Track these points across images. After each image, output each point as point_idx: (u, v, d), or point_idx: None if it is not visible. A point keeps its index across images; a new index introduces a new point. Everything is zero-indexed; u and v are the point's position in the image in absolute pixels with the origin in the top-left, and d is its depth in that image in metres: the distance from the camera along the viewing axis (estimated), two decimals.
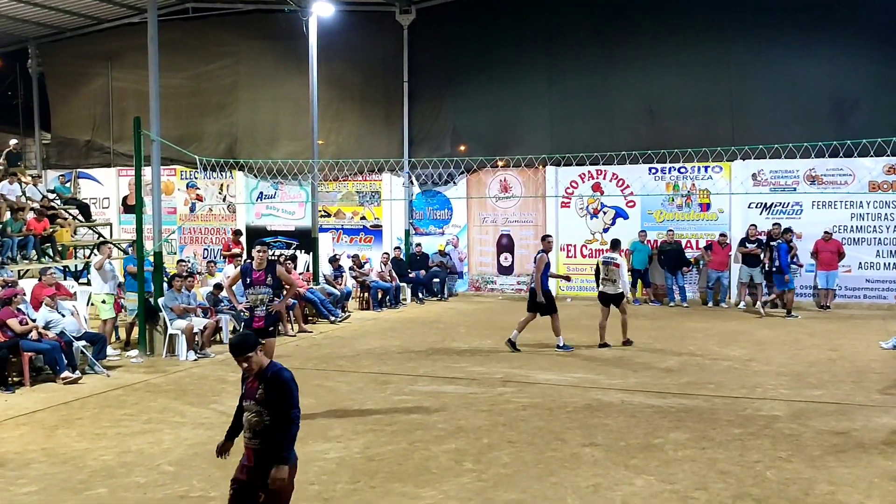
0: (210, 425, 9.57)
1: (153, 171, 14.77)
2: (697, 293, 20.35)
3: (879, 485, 7.32)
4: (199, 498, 7.21)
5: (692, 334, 15.66)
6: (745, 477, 7.55)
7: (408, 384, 11.51)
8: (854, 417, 9.55)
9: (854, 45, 18.84)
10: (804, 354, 13.45)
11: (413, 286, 21.28)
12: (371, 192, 23.38)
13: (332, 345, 15.11)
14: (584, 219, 21.49)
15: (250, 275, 9.85)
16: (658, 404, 10.29)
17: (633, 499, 7.03)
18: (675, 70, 20.23)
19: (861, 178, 18.88)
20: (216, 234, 24.60)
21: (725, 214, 20.15)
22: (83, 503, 7.08)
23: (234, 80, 24.13)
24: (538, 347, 14.32)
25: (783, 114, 19.25)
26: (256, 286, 9.80)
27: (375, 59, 23.07)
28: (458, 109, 22.50)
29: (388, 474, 7.74)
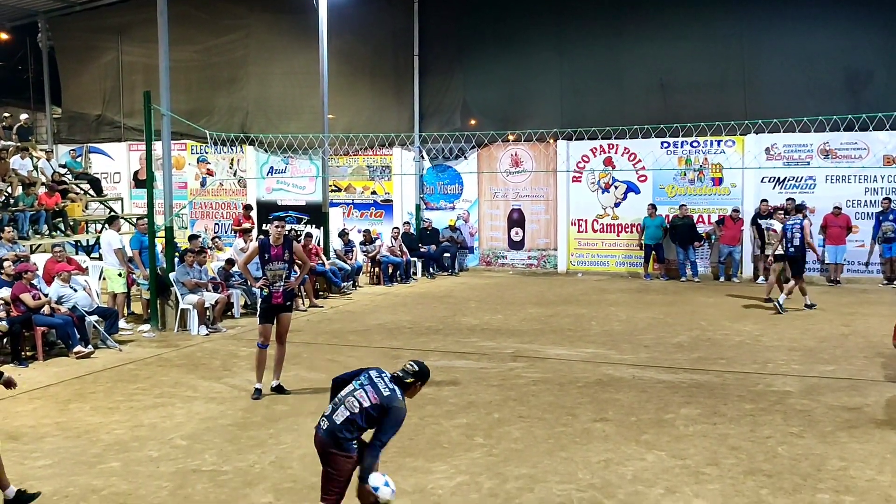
0: (222, 399, 9.62)
1: (163, 145, 14.75)
2: (709, 268, 20.28)
3: (891, 460, 7.30)
4: (211, 472, 7.24)
5: (703, 309, 15.61)
6: (757, 452, 7.54)
7: (418, 359, 11.49)
8: (866, 393, 9.52)
9: (868, 17, 18.60)
10: (816, 330, 13.41)
11: (424, 261, 21.27)
12: (381, 167, 23.32)
13: (343, 319, 15.13)
14: (595, 193, 21.38)
15: (268, 250, 9.82)
16: (669, 379, 10.28)
17: (644, 474, 7.04)
18: (686, 43, 20.02)
19: (875, 151, 18.72)
20: (227, 208, 24.60)
21: (738, 189, 20.02)
22: (97, 477, 7.13)
23: (244, 54, 24.03)
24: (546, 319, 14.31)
25: (797, 87, 19.04)
26: (275, 262, 9.79)
27: (386, 33, 22.93)
28: (469, 83, 22.37)
29: (399, 449, 7.75)
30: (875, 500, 6.45)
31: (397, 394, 5.60)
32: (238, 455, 7.68)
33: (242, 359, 11.72)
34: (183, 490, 6.84)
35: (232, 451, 7.78)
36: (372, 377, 5.67)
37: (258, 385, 9.78)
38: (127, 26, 24.60)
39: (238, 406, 9.34)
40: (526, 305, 16.16)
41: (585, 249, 21.55)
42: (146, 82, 20.77)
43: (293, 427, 8.49)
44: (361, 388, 5.60)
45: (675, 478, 6.97)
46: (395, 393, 5.59)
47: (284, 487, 6.89)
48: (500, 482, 6.92)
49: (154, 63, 15.45)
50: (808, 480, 6.87)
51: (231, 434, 8.31)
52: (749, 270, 19.65)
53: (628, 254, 20.98)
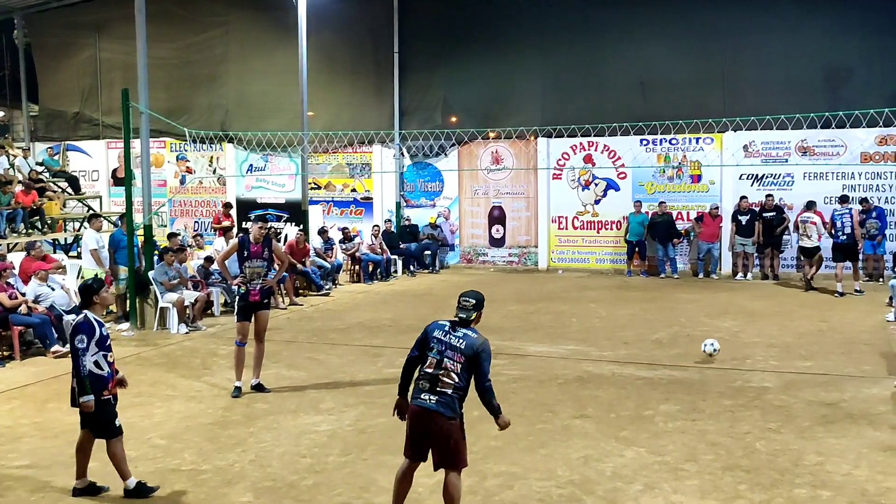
0: (201, 398, 9.58)
1: (142, 143, 14.67)
2: (688, 265, 20.38)
3: (868, 455, 7.37)
4: (190, 471, 7.22)
5: (683, 306, 15.69)
6: (735, 448, 7.60)
7: (399, 357, 11.44)
8: (843, 388, 9.60)
9: (846, 15, 18.71)
10: (794, 326, 13.50)
11: (404, 259, 21.26)
12: (361, 164, 23.29)
13: (323, 317, 15.11)
14: (575, 191, 21.44)
15: (248, 248, 9.88)
16: (649, 376, 10.33)
17: (623, 470, 7.07)
18: (666, 41, 20.08)
19: (853, 149, 18.87)
20: (206, 206, 24.49)
21: (716, 186, 20.12)
22: (74, 477, 7.07)
23: (224, 52, 23.91)
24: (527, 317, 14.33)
25: (775, 85, 19.14)
26: (254, 259, 9.84)
27: (365, 30, 22.88)
28: (450, 81, 22.35)
29: (379, 447, 7.76)
30: (851, 495, 6.51)
31: (472, 336, 5.74)
32: (217, 454, 7.65)
33: (222, 357, 11.68)
34: (161, 489, 6.79)
35: (211, 450, 7.75)
36: (442, 339, 5.77)
37: (237, 383, 9.78)
38: (105, 23, 24.40)
39: (218, 405, 9.31)
40: (506, 303, 16.18)
41: (566, 246, 21.61)
42: (125, 80, 20.59)
43: (273, 425, 8.47)
44: (442, 356, 5.71)
45: (654, 474, 7.01)
46: (469, 338, 5.73)
47: (264, 486, 6.87)
48: (479, 480, 6.93)
49: (133, 60, 15.34)
50: (785, 475, 6.92)
51: (210, 433, 8.28)
52: (728, 267, 19.75)
53: (608, 250, 21.06)
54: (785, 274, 19.17)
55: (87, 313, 6.66)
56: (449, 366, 5.67)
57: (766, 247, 19.07)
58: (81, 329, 6.53)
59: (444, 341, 5.75)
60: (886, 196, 18.83)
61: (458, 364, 5.65)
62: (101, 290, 6.86)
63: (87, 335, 6.51)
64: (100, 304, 6.82)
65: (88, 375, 6.49)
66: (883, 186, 18.88)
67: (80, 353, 6.49)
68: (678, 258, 20.09)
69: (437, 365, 5.70)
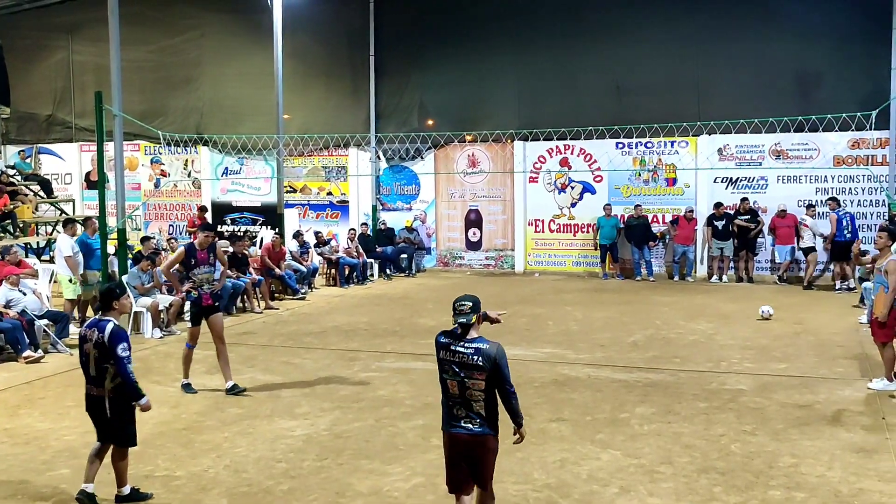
0: (175, 403, 9.49)
1: (116, 146, 14.54)
2: (664, 267, 20.49)
3: (841, 456, 7.43)
4: (164, 477, 7.15)
5: (658, 308, 15.76)
6: (711, 450, 7.63)
7: (375, 361, 11.49)
8: (817, 390, 9.67)
9: (818, 21, 18.86)
10: (769, 328, 13.59)
11: (380, 262, 21.21)
12: (337, 167, 23.22)
13: (299, 321, 15.04)
14: (551, 194, 21.50)
15: (195, 255, 10.09)
16: (624, 379, 10.36)
17: (599, 473, 7.08)
18: (641, 45, 20.17)
19: (826, 152, 19.03)
20: (181, 209, 24.33)
21: (691, 189, 20.24)
22: (46, 484, 7.00)
23: (198, 55, 23.77)
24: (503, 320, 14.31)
25: (748, 89, 19.29)
26: (202, 266, 10.09)
27: (341, 33, 22.83)
28: (426, 84, 22.35)
29: (355, 451, 7.73)
30: (825, 496, 6.55)
31: (483, 347, 5.48)
32: (191, 460, 7.59)
33: (197, 362, 11.53)
34: None
35: (185, 456, 7.68)
36: (453, 360, 5.49)
37: (185, 380, 10.07)
38: (78, 25, 24.19)
39: (192, 410, 9.23)
40: (483, 306, 16.13)
41: (542, 249, 21.66)
42: (98, 82, 20.42)
43: (248, 430, 8.41)
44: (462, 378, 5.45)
45: (629, 477, 7.02)
46: (481, 350, 5.47)
47: (239, 492, 6.82)
48: None
49: (106, 63, 15.21)
50: (760, 478, 6.95)
51: (185, 438, 8.21)
52: (703, 269, 19.88)
53: (584, 253, 21.13)
54: (759, 276, 19.31)
55: (114, 321, 6.60)
56: (473, 384, 5.42)
57: (740, 249, 19.22)
58: (123, 338, 6.45)
59: (457, 361, 5.46)
60: (859, 199, 19.02)
61: (480, 381, 5.41)
62: (122, 297, 6.80)
63: (128, 343, 6.50)
64: (118, 310, 6.75)
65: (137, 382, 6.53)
66: (855, 189, 19.06)
67: (125, 361, 6.43)
68: (654, 261, 20.18)
69: (461, 387, 5.45)
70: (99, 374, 6.50)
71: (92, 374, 6.54)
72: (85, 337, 6.61)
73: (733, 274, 19.45)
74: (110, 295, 6.72)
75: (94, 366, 6.51)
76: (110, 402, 6.50)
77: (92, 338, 6.51)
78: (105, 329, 6.48)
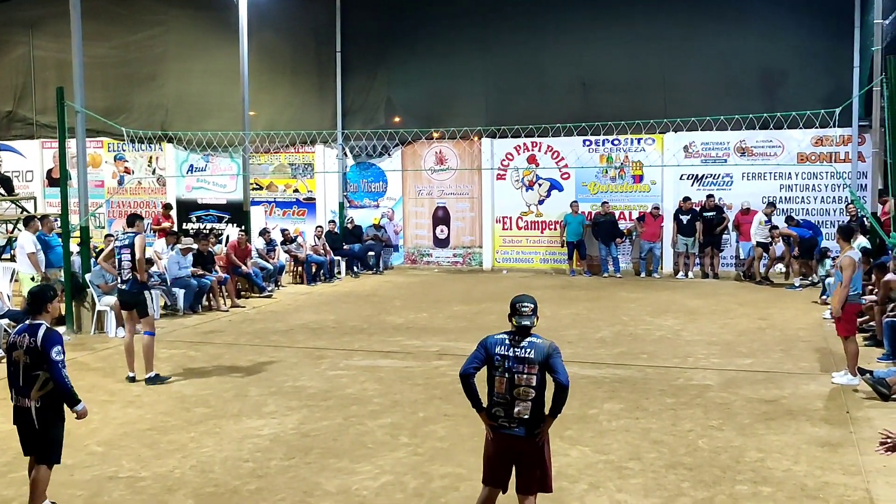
0: (140, 404, 9.38)
1: (78, 143, 14.32)
2: (630, 264, 20.60)
3: (806, 450, 7.49)
4: (128, 478, 7.05)
5: (625, 305, 15.83)
6: (678, 446, 7.66)
7: (343, 359, 11.43)
8: (782, 385, 9.76)
9: (783, 19, 19.07)
10: (734, 323, 13.70)
11: (348, 259, 21.11)
12: (304, 165, 23.09)
13: (266, 319, 14.92)
14: (519, 191, 21.53)
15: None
16: (592, 375, 10.38)
17: (568, 469, 7.07)
18: (608, 43, 20.29)
19: (790, 149, 19.25)
20: (146, 207, 24.06)
21: (658, 186, 20.37)
22: (7, 487, 6.88)
23: (163, 51, 23.50)
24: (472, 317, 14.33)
25: (714, 86, 19.47)
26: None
27: (307, 30, 22.70)
28: (393, 81, 22.28)
29: (323, 450, 7.67)
30: (791, 490, 6.60)
31: (538, 343, 5.39)
32: (157, 460, 7.49)
33: (162, 360, 11.45)
34: (99, 498, 6.64)
35: (151, 457, 7.58)
36: (507, 355, 5.37)
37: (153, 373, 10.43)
38: (39, 20, 23.84)
39: (158, 409, 9.12)
40: (451, 303, 16.17)
41: (510, 247, 21.69)
42: (59, 78, 20.13)
43: (214, 430, 8.32)
44: (512, 374, 5.33)
45: (598, 473, 7.03)
46: (536, 345, 5.37)
47: (206, 492, 6.74)
48: (425, 481, 6.89)
49: (68, 58, 14.98)
50: (727, 472, 6.99)
51: (150, 439, 8.11)
52: (669, 266, 20.01)
53: (552, 250, 21.18)
54: (724, 272, 19.47)
55: (46, 324, 6.28)
56: (522, 381, 5.32)
57: (705, 246, 19.37)
58: (57, 341, 6.12)
59: (511, 357, 5.35)
60: (822, 196, 19.26)
61: (532, 376, 5.31)
62: (55, 300, 6.52)
63: (62, 346, 6.15)
64: (50, 313, 6.42)
65: (72, 388, 6.17)
66: (819, 186, 19.30)
67: (60, 365, 6.08)
68: (621, 257, 20.29)
69: (509, 385, 5.34)
70: (27, 383, 6.11)
71: (20, 385, 6.14)
72: (14, 344, 6.19)
73: (699, 270, 19.59)
74: (43, 297, 6.39)
75: (23, 374, 6.11)
76: (37, 413, 6.11)
77: (23, 344, 6.13)
78: (38, 333, 6.13)
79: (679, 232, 19.37)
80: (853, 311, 9.89)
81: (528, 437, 5.35)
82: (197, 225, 23.16)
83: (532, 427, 5.35)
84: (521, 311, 5.46)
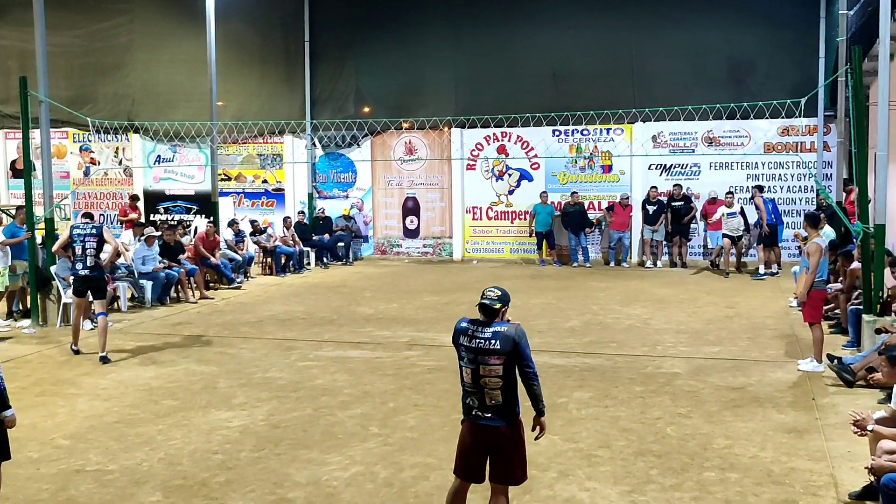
0: (108, 396, 9.28)
1: (42, 133, 14.14)
2: (600, 253, 20.69)
3: (773, 437, 7.57)
4: (95, 472, 6.97)
5: (595, 294, 15.91)
6: (647, 434, 7.71)
7: (313, 350, 11.39)
8: (749, 373, 9.85)
9: (750, 10, 19.21)
10: (702, 312, 13.82)
11: (317, 250, 21.04)
12: (272, 155, 22.95)
13: (235, 311, 14.83)
14: (489, 181, 21.55)
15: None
16: (562, 364, 10.43)
17: (537, 458, 7.08)
18: (577, 33, 20.35)
19: (757, 139, 19.43)
20: (112, 198, 23.80)
21: (627, 176, 20.48)
22: None
23: (129, 40, 23.17)
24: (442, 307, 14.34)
25: (682, 77, 19.60)
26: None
27: (275, 19, 22.54)
28: (362, 71, 22.19)
29: (293, 441, 7.64)
30: (758, 476, 6.67)
31: (502, 330, 5.28)
32: (125, 453, 7.42)
33: (130, 353, 11.37)
34: (65, 492, 6.56)
35: (118, 450, 7.51)
36: (470, 346, 5.28)
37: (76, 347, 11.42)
38: (0, 8, 23.42)
39: (125, 402, 9.03)
40: (421, 294, 16.16)
41: (480, 237, 21.71)
42: (22, 68, 19.78)
43: (183, 422, 8.26)
44: (476, 364, 5.25)
45: (568, 461, 7.06)
46: (500, 333, 5.26)
47: (174, 485, 6.68)
48: (395, 471, 6.88)
49: (31, 47, 14.73)
50: (695, 459, 7.05)
51: (117, 432, 8.03)
52: (637, 255, 20.14)
53: (522, 240, 21.24)
54: (693, 262, 19.63)
55: None
56: (488, 371, 5.23)
57: (674, 235, 19.50)
58: None
59: (474, 347, 5.25)
60: (788, 185, 19.46)
61: (498, 366, 5.20)
62: None
63: None
64: None
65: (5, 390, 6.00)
66: (785, 175, 19.50)
67: None
68: (590, 247, 20.38)
69: (475, 375, 5.25)
70: None
71: None
72: None
73: (667, 259, 19.73)
74: None
75: None
76: None
77: None
78: None
79: (645, 221, 19.51)
80: (819, 297, 10.01)
81: (500, 426, 5.32)
82: (165, 216, 22.94)
83: (506, 415, 5.31)
84: (487, 294, 5.45)
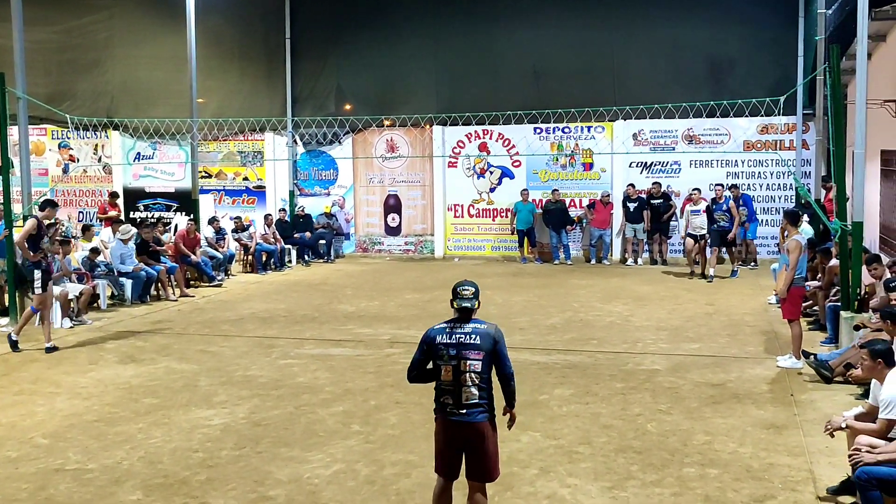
0: (87, 395, 9.23)
1: (20, 130, 14.02)
2: (581, 251, 20.75)
3: (752, 433, 7.63)
4: (75, 471, 6.94)
5: (576, 291, 15.96)
6: (627, 430, 7.75)
7: (294, 348, 11.37)
8: (729, 369, 9.92)
9: (730, 9, 19.32)
10: (682, 309, 13.89)
11: (298, 248, 20.98)
12: (253, 152, 22.86)
13: (216, 309, 14.78)
14: (470, 179, 21.57)
15: (43, 229, 11.77)
16: (543, 361, 10.46)
17: (519, 455, 7.12)
18: (559, 31, 20.39)
19: (736, 137, 19.55)
20: (91, 196, 23.65)
21: (607, 174, 20.55)
22: None
23: (108, 36, 22.97)
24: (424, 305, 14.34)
25: (663, 75, 19.68)
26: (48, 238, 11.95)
27: (256, 15, 22.44)
28: (343, 68, 22.14)
29: (274, 439, 7.63)
30: (737, 471, 6.72)
31: (482, 328, 5.39)
32: (104, 452, 7.39)
33: (109, 352, 11.31)
34: (45, 491, 6.53)
35: (98, 448, 7.47)
36: (450, 343, 5.35)
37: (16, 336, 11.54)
38: None
39: (104, 401, 8.98)
40: (403, 291, 16.16)
41: (462, 234, 21.73)
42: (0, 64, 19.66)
43: (163, 421, 8.23)
44: (458, 361, 5.30)
45: (549, 458, 7.09)
46: (480, 330, 5.37)
47: (154, 483, 6.66)
48: (377, 469, 6.89)
49: (8, 43, 14.62)
50: (675, 455, 7.09)
51: (97, 430, 7.99)
52: (618, 252, 20.21)
53: (503, 238, 21.27)
54: (673, 259, 19.70)
55: None
56: (468, 367, 5.29)
57: (654, 233, 19.58)
58: None
59: (454, 344, 5.34)
60: (767, 182, 19.60)
61: (478, 362, 5.30)
62: None
63: None
64: None
65: None
66: (764, 173, 19.63)
67: None
68: (571, 244, 20.43)
69: (455, 372, 5.31)
70: None
71: None
72: None
73: (648, 257, 19.82)
74: None
75: None
76: None
77: None
78: None
79: (627, 219, 19.57)
80: (798, 294, 10.11)
81: (477, 423, 5.36)
82: (144, 214, 22.80)
83: (479, 412, 5.36)
84: (462, 293, 5.49)
